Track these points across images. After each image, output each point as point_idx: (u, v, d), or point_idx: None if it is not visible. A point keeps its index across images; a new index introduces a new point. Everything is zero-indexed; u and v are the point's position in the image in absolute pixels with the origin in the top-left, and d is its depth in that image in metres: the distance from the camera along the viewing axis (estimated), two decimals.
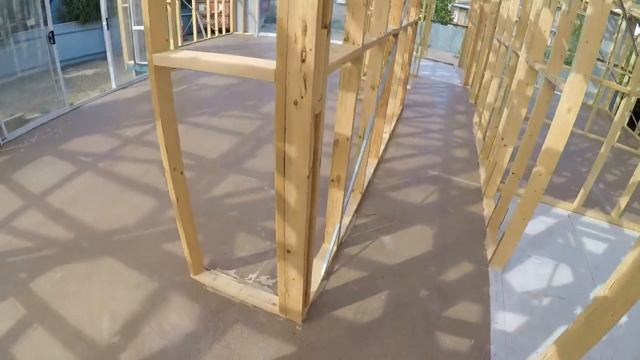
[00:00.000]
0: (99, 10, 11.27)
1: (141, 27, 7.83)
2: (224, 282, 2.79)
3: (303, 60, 1.54)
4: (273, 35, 12.32)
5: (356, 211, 3.84)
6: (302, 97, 1.62)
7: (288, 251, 2.09)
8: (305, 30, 1.48)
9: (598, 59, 8.90)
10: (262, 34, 12.26)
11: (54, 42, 5.44)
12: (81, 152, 4.62)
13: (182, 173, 2.41)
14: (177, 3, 8.28)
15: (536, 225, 4.18)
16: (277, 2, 1.50)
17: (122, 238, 3.32)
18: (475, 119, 7.01)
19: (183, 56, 1.95)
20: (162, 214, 3.60)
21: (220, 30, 11.74)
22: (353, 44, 2.48)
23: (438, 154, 5.40)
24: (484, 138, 6.01)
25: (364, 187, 4.18)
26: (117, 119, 5.57)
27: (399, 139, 5.65)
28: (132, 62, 8.12)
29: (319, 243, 3.29)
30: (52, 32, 5.38)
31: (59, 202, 3.74)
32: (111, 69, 6.75)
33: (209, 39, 11.16)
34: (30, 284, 2.83)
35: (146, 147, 4.78)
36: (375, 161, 4.79)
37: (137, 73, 8.31)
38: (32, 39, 5.91)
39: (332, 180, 2.98)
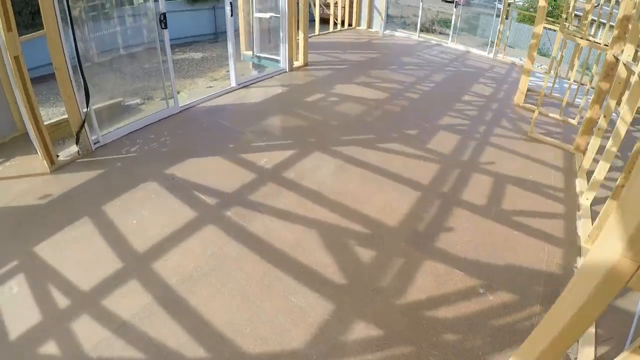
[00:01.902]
0: None
1: (264, 15, 6.62)
2: None
3: None
4: (400, 34, 10.81)
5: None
6: None
7: None
8: None
9: None
10: (387, 32, 10.74)
11: (165, 27, 4.27)
12: (199, 186, 3.38)
13: None
14: None
15: None
16: None
17: None
18: None
19: None
20: (346, 335, 2.18)
21: (342, 23, 10.37)
22: None
23: None
24: None
25: None
26: (242, 135, 4.30)
27: None
28: (250, 52, 6.94)
29: None
30: (163, 14, 4.21)
31: (174, 277, 2.49)
32: (231, 64, 5.54)
33: (332, 32, 9.84)
34: None
35: (292, 191, 3.43)
36: None
37: (255, 66, 7.16)
38: (139, 14, 4.90)
39: None
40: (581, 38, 5.01)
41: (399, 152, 4.31)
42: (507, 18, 8.89)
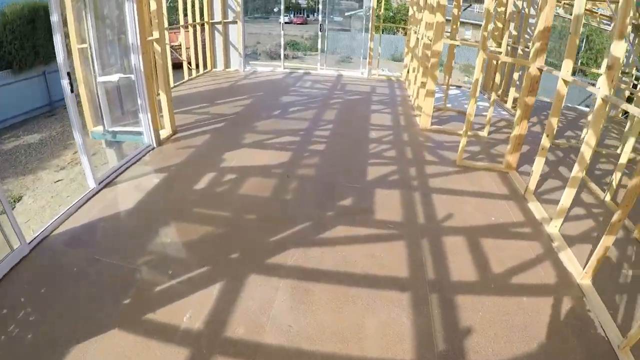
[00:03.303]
0: (37, 54, 8.61)
1: (110, 78, 5.28)
2: None
3: None
4: (263, 68, 10.08)
5: None
6: None
7: None
8: None
9: None
10: (248, 68, 9.90)
11: None
12: None
13: None
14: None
15: None
16: None
17: None
18: None
19: None
20: None
21: (197, 67, 9.22)
22: None
23: None
24: None
25: None
26: (137, 276, 2.98)
27: None
28: (101, 128, 5.45)
29: None
30: None
31: None
32: (85, 160, 4.08)
33: (187, 80, 8.64)
34: None
35: None
36: None
37: (109, 144, 5.69)
38: None
39: None
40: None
41: (349, 239, 3.44)
42: (377, 33, 8.76)
